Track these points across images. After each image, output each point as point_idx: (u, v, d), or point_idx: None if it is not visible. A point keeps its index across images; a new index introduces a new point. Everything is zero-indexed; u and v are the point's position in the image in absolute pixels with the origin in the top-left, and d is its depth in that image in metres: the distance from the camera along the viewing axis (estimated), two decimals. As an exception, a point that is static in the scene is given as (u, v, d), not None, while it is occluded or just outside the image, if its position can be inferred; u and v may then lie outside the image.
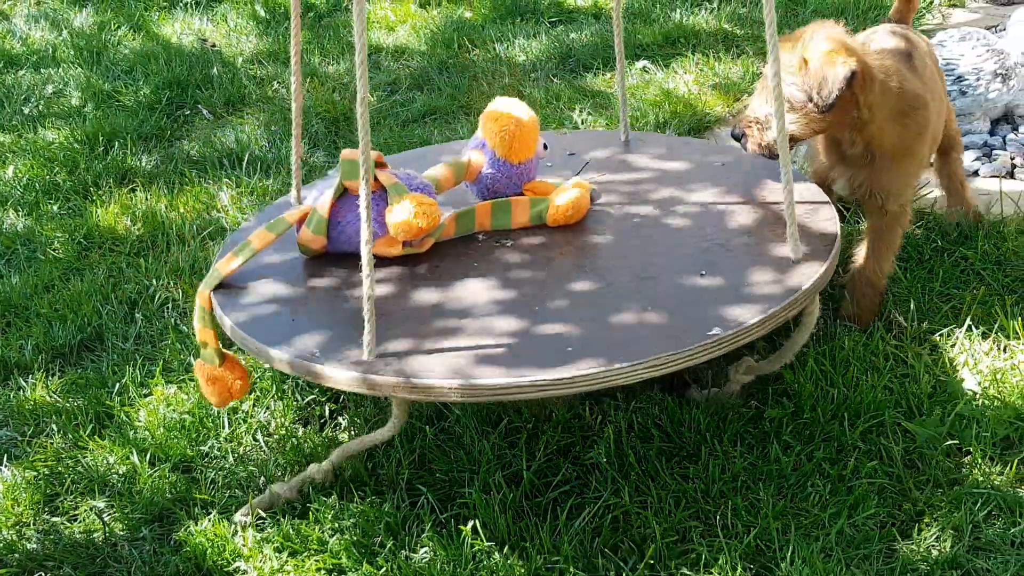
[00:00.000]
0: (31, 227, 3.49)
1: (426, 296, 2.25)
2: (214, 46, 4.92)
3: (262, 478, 2.34)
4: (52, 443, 2.49)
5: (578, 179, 2.55)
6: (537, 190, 2.54)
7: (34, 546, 2.22)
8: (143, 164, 3.84)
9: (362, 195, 1.98)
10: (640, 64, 4.40)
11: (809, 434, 2.34)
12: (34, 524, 2.29)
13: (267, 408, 2.53)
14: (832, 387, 2.43)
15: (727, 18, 4.89)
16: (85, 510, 2.31)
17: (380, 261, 2.23)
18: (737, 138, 2.57)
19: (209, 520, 2.23)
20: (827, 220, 2.42)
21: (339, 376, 2.03)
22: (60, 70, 4.61)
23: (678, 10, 5.02)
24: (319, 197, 2.34)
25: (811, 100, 2.40)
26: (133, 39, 4.97)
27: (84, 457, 2.43)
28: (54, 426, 2.54)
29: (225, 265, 2.30)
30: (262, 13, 5.22)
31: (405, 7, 5.04)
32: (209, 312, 2.25)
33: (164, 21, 5.21)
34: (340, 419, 2.51)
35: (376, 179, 2.27)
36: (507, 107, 2.50)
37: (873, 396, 2.41)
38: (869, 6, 4.88)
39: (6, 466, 2.41)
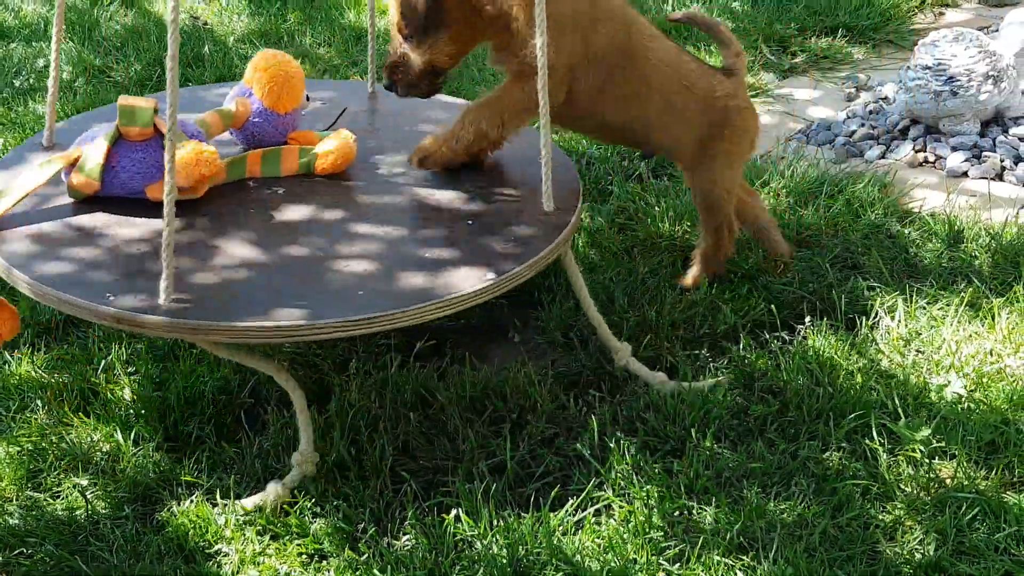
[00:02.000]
0: (18, 201, 3.46)
1: (209, 242, 2.29)
2: (206, 24, 4.89)
3: (247, 460, 2.33)
4: (36, 419, 2.48)
5: (345, 131, 2.60)
6: (301, 140, 2.60)
7: (16, 522, 2.20)
8: (133, 141, 3.81)
9: (168, 142, 2.03)
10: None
11: (794, 432, 2.35)
12: (16, 500, 2.27)
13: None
14: (818, 386, 2.45)
15: (719, 11, 4.88)
16: (68, 487, 2.30)
17: (156, 205, 2.21)
18: (390, 88, 2.54)
19: (192, 501, 2.22)
20: (568, 172, 2.62)
21: (146, 321, 2.07)
22: (51, 44, 4.56)
23: (669, 2, 5.02)
24: (90, 141, 2.37)
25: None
26: (125, 15, 4.92)
27: (68, 434, 2.41)
28: (39, 401, 2.52)
29: None
30: (255, -8, 5.19)
31: (401, -7, 5.01)
32: None
33: (157, -2, 5.17)
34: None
35: (154, 125, 2.34)
36: (275, 57, 2.57)
37: (858, 396, 2.42)
38: (861, 3, 4.89)
39: (-11, 441, 2.41)
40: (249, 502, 2.21)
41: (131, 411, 2.47)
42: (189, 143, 2.32)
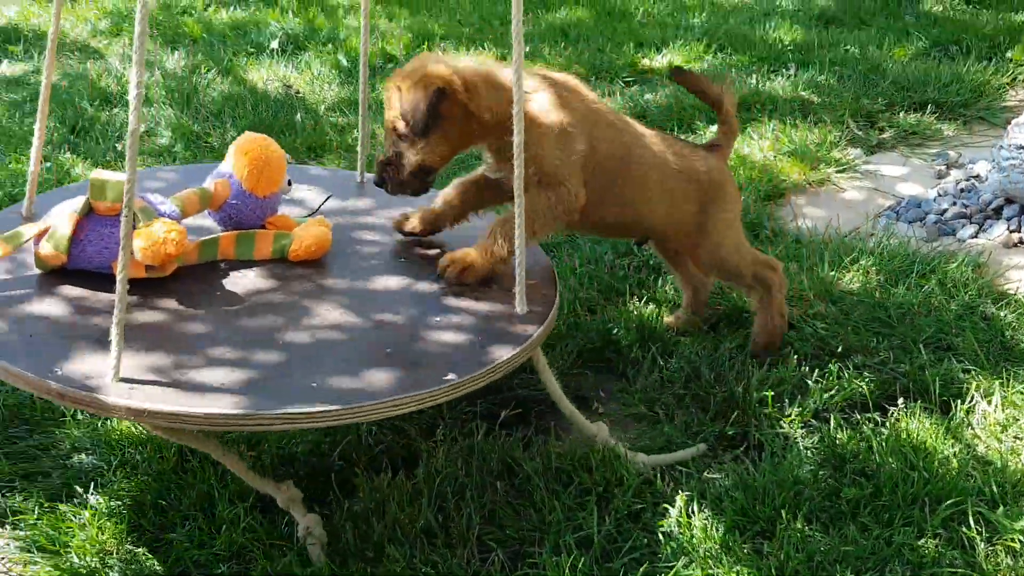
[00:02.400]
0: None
1: (170, 322, 2.24)
2: (298, 93, 5.04)
3: (336, 522, 2.36)
4: (137, 474, 2.54)
5: (320, 216, 2.61)
6: (279, 224, 2.58)
7: (116, 575, 2.25)
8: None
9: (124, 220, 1.98)
10: (714, 128, 4.42)
11: (888, 517, 2.30)
12: (117, 553, 2.32)
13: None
14: (912, 470, 2.40)
15: (804, 85, 4.90)
16: (166, 543, 2.34)
17: None
18: (380, 184, 2.57)
19: (285, 562, 2.25)
20: (546, 276, 2.56)
21: (82, 398, 2.00)
22: (152, 110, 4.74)
23: (754, 75, 5.05)
24: (60, 214, 2.34)
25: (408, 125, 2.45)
26: (221, 83, 5.11)
27: (167, 490, 2.47)
28: (139, 457, 2.58)
29: None
30: (344, 63, 5.34)
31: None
32: None
33: (251, 66, 5.35)
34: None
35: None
36: (257, 141, 2.56)
37: (955, 483, 2.37)
38: (951, 79, 4.87)
39: (92, 494, 2.46)
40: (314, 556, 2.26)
41: (226, 470, 2.51)
42: (157, 221, 2.28)
